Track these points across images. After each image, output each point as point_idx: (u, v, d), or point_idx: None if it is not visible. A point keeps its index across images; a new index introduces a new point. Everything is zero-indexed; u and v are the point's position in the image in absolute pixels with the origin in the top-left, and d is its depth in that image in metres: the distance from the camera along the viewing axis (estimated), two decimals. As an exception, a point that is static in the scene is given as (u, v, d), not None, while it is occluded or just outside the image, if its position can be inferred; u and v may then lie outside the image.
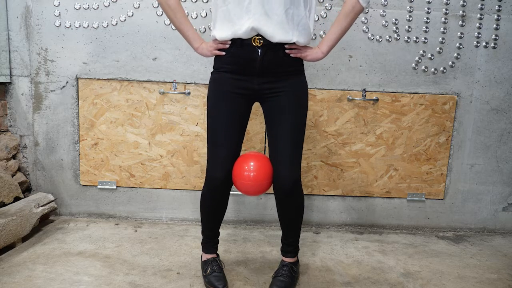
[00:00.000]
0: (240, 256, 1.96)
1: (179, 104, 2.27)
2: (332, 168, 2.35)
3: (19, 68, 2.25)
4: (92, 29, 2.22)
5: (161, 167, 2.32)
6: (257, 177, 1.52)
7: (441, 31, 2.25)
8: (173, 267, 1.82)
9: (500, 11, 2.24)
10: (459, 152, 2.37)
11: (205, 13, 2.21)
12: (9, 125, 2.31)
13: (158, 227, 2.30)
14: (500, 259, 2.07)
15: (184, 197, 2.37)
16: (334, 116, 2.30)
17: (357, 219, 2.42)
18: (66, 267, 1.76)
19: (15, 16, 2.21)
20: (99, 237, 2.11)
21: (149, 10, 2.21)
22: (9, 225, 1.86)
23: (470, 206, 2.43)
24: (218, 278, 1.62)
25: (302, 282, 1.73)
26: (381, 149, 2.34)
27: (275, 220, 2.38)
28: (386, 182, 2.37)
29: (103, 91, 2.26)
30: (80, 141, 2.31)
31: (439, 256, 2.07)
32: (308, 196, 2.37)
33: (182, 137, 2.30)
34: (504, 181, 2.41)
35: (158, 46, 2.23)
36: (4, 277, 1.65)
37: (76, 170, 2.34)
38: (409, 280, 1.80)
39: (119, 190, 2.36)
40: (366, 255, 2.04)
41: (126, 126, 2.29)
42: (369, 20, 2.24)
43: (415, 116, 2.31)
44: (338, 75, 2.28)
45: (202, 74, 2.25)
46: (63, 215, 2.39)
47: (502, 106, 2.34)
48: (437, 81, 2.30)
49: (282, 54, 1.50)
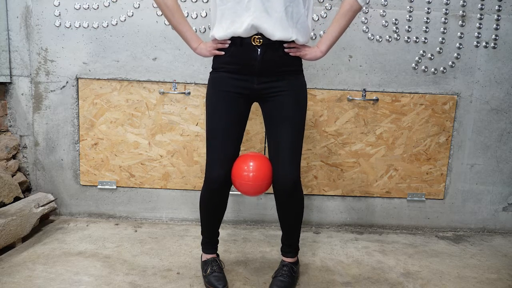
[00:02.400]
0: (240, 256, 1.96)
1: (179, 104, 2.27)
2: (332, 168, 2.35)
3: (19, 68, 2.25)
4: (92, 29, 2.22)
5: (161, 167, 2.32)
6: (257, 177, 1.52)
7: (441, 31, 2.25)
8: (173, 267, 1.82)
9: (500, 11, 2.24)
10: (459, 152, 2.37)
11: (205, 13, 2.21)
12: (9, 125, 2.31)
13: (158, 227, 2.30)
14: (500, 259, 2.07)
15: (184, 197, 2.37)
16: (334, 116, 2.30)
17: (357, 219, 2.42)
18: (66, 267, 1.76)
19: (15, 16, 2.21)
20: (99, 237, 2.11)
21: (149, 10, 2.21)
22: (9, 225, 1.86)
23: (470, 206, 2.43)
24: (218, 278, 1.62)
25: (302, 282, 1.73)
26: (381, 149, 2.34)
27: (275, 220, 2.38)
28: (386, 182, 2.37)
29: (103, 91, 2.26)
30: (80, 141, 2.31)
31: (439, 256, 2.07)
32: (308, 196, 2.37)
33: (182, 137, 2.30)
34: (504, 181, 2.41)
35: (158, 46, 2.23)
36: (4, 277, 1.65)
37: (76, 170, 2.34)
38: (409, 280, 1.80)
39: (119, 190, 2.36)
40: (366, 255, 2.04)
41: (126, 126, 2.29)
42: (369, 20, 2.24)
43: (415, 116, 2.31)
44: (338, 75, 2.28)
45: (202, 74, 2.25)
46: (63, 215, 2.39)
47: (502, 106, 2.34)
48: (437, 81, 2.30)
49: (282, 53, 1.50)
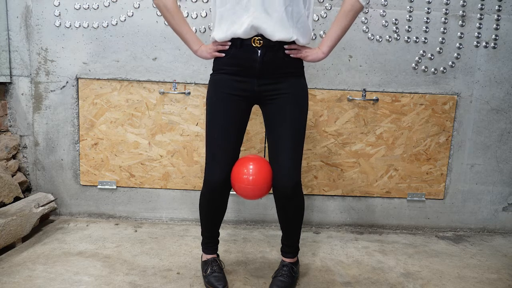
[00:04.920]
0: (240, 256, 1.96)
1: (179, 104, 2.27)
2: (332, 168, 2.35)
3: (19, 68, 2.25)
4: (92, 29, 2.22)
5: (161, 167, 2.32)
6: (256, 181, 1.50)
7: (441, 31, 2.25)
8: (173, 267, 1.82)
9: (500, 11, 2.24)
10: (459, 152, 2.37)
11: (205, 13, 2.21)
12: (9, 125, 2.31)
13: (158, 227, 2.30)
14: (500, 259, 2.07)
15: (184, 197, 2.37)
16: (334, 116, 2.30)
17: (357, 219, 2.42)
18: (66, 267, 1.76)
19: (15, 16, 2.21)
20: (99, 237, 2.11)
21: (149, 10, 2.21)
22: (9, 225, 1.86)
23: (470, 206, 2.43)
24: (218, 278, 1.62)
25: (302, 282, 1.73)
26: (381, 149, 2.34)
27: (275, 220, 2.38)
28: (386, 182, 2.37)
29: (103, 91, 2.26)
30: (80, 141, 2.31)
31: (439, 256, 2.07)
32: (308, 196, 2.37)
33: (182, 137, 2.30)
34: (504, 181, 2.41)
35: (158, 46, 2.23)
36: (4, 277, 1.65)
37: (76, 170, 2.34)
38: (409, 280, 1.80)
39: (119, 190, 2.36)
40: (366, 255, 2.04)
41: (126, 126, 2.29)
42: (369, 20, 2.23)
43: (415, 116, 2.31)
44: (338, 75, 2.28)
45: (202, 74, 2.25)
46: (63, 215, 2.39)
47: (502, 106, 2.34)
48: (437, 81, 2.30)
49: (282, 55, 1.49)
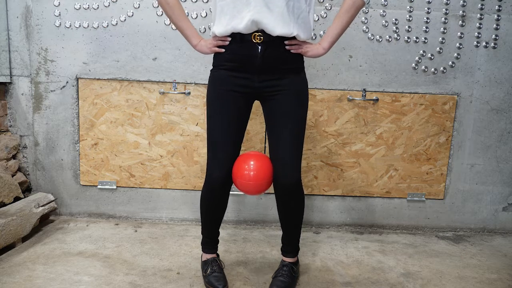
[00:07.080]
0: (240, 256, 1.96)
1: (179, 104, 2.27)
2: (332, 168, 2.35)
3: (19, 68, 2.25)
4: (92, 29, 2.22)
5: (161, 167, 2.32)
6: (257, 176, 1.52)
7: (441, 31, 2.25)
8: (173, 267, 1.82)
9: (500, 11, 2.24)
10: (459, 152, 2.37)
11: (205, 13, 2.21)
12: (9, 125, 2.31)
13: (158, 227, 2.30)
14: (500, 259, 2.07)
15: (184, 197, 2.37)
16: (334, 116, 2.30)
17: (357, 219, 2.42)
18: (66, 267, 1.76)
19: (15, 16, 2.21)
20: (99, 237, 2.11)
21: (149, 10, 2.21)
22: (9, 225, 1.86)
23: (470, 206, 2.43)
24: (218, 278, 1.62)
25: (302, 282, 1.73)
26: (381, 149, 2.34)
27: (275, 220, 2.38)
28: (386, 182, 2.37)
29: (103, 91, 2.26)
30: (80, 141, 2.31)
31: (439, 256, 2.07)
32: (308, 196, 2.37)
33: (182, 137, 2.30)
34: (504, 181, 2.41)
35: (158, 46, 2.23)
36: (4, 277, 1.65)
37: (76, 170, 2.34)
38: (409, 280, 1.80)
39: (119, 190, 2.36)
40: (366, 255, 2.04)
41: (126, 126, 2.29)
42: (369, 20, 2.24)
43: (415, 116, 2.31)
44: (338, 75, 2.28)
45: (202, 74, 2.25)
46: (63, 215, 2.39)
47: (502, 106, 2.34)
48: (437, 81, 2.30)
49: (283, 50, 1.48)
